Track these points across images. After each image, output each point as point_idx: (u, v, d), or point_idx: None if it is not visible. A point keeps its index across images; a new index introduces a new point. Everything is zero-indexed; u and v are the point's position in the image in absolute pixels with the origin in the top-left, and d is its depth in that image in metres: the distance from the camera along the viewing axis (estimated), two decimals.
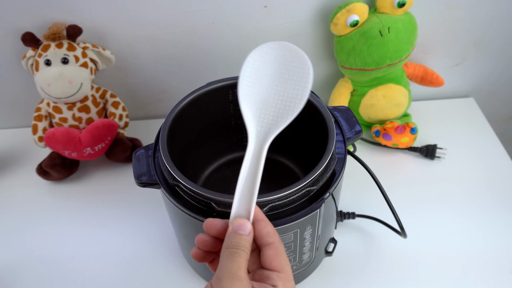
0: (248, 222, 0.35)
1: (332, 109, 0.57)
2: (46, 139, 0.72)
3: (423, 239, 0.64)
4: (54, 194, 0.76)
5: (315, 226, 0.50)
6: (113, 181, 0.77)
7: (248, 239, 0.34)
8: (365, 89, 0.76)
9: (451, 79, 0.85)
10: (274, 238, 0.35)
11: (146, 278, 0.63)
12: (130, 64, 0.80)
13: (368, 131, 0.82)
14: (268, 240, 0.35)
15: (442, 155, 0.76)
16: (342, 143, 0.53)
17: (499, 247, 0.63)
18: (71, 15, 0.71)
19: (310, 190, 0.47)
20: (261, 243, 0.35)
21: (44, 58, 0.70)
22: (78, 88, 0.72)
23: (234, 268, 0.32)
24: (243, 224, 0.35)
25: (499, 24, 0.78)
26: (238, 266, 0.32)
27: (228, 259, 0.33)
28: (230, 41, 0.77)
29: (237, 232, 0.35)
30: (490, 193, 0.70)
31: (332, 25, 0.70)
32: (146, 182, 0.52)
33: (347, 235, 0.66)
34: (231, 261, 0.33)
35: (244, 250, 0.34)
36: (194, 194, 0.47)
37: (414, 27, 0.71)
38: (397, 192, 0.65)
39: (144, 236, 0.68)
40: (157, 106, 0.87)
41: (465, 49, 0.82)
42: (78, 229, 0.70)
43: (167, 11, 0.72)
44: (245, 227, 0.35)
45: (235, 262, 0.33)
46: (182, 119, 0.56)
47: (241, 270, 0.32)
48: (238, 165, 0.38)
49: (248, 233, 0.35)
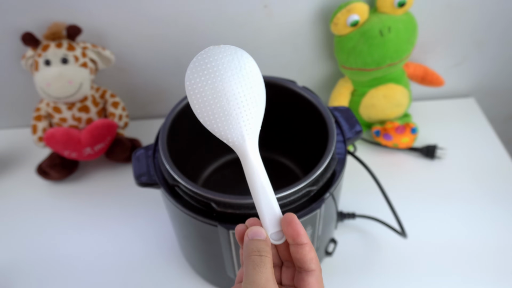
0: (261, 228, 0.35)
1: (332, 109, 0.57)
2: (46, 139, 0.72)
3: (423, 239, 0.64)
4: (54, 194, 0.76)
5: (315, 226, 0.50)
6: (113, 181, 0.77)
7: (267, 242, 0.34)
8: (365, 89, 0.76)
9: (451, 79, 0.85)
10: (317, 265, 0.34)
11: (146, 278, 0.63)
12: (130, 64, 0.79)
13: (368, 131, 0.82)
14: (311, 267, 0.34)
15: (442, 155, 0.76)
16: (342, 143, 0.53)
17: (499, 247, 0.63)
18: (71, 15, 0.71)
19: (310, 190, 0.47)
20: (303, 267, 0.34)
21: (44, 58, 0.70)
22: (78, 88, 0.71)
23: (262, 280, 0.32)
24: (258, 230, 0.34)
25: (499, 24, 0.78)
26: (267, 278, 0.32)
27: (254, 270, 0.32)
28: (230, 41, 0.76)
29: (254, 239, 0.34)
30: (490, 193, 0.70)
31: (332, 25, 0.70)
32: (146, 182, 0.52)
33: (347, 235, 0.66)
34: (258, 273, 0.32)
35: (267, 255, 0.33)
36: (194, 194, 0.47)
37: (414, 27, 0.71)
38: (397, 192, 0.65)
39: (144, 236, 0.68)
40: (157, 106, 0.87)
41: (465, 49, 0.81)
42: (78, 229, 0.70)
43: (167, 11, 0.72)
44: (260, 233, 0.34)
45: (262, 273, 0.32)
46: (182, 119, 0.56)
47: (269, 282, 0.32)
48: (238, 165, 0.37)
49: (264, 238, 0.34)
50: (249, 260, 0.33)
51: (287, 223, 0.34)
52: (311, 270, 0.34)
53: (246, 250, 0.34)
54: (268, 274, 0.32)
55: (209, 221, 0.47)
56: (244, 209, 0.45)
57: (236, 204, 0.45)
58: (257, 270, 0.32)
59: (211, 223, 0.46)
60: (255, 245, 0.34)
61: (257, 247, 0.33)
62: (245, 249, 0.34)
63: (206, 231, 0.49)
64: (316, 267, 0.34)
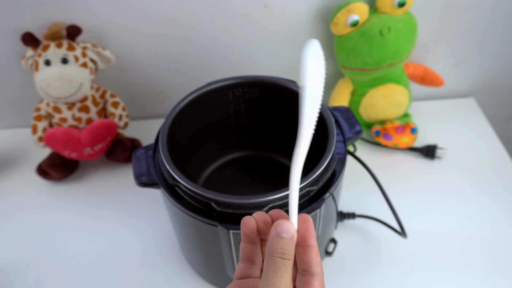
0: (291, 224, 0.34)
1: (332, 109, 0.57)
2: (46, 139, 0.72)
3: (423, 239, 0.64)
4: (54, 194, 0.76)
5: (315, 226, 0.50)
6: (113, 181, 0.77)
7: (292, 242, 0.33)
8: (365, 89, 0.76)
9: (451, 79, 0.85)
10: (321, 269, 0.34)
11: (146, 278, 0.63)
12: (130, 64, 0.79)
13: (368, 131, 0.82)
14: (316, 270, 0.34)
15: (442, 155, 0.76)
16: (342, 143, 0.53)
17: (499, 247, 0.63)
18: (71, 15, 0.71)
19: (310, 190, 0.47)
20: (308, 271, 0.34)
21: (44, 58, 0.70)
22: (78, 88, 0.71)
23: (282, 285, 0.31)
24: (287, 226, 0.33)
25: (499, 24, 0.78)
26: (286, 284, 0.32)
27: (276, 273, 0.32)
28: (230, 41, 0.77)
29: (281, 235, 0.33)
30: (490, 193, 0.70)
31: (332, 25, 0.70)
32: (146, 182, 0.52)
33: (347, 235, 0.66)
34: (278, 277, 0.32)
35: (290, 259, 0.33)
36: (194, 194, 0.47)
37: (414, 27, 0.71)
38: (397, 192, 0.65)
39: (144, 236, 0.68)
40: (157, 106, 0.87)
41: (465, 49, 0.81)
42: (78, 229, 0.70)
43: (167, 11, 0.72)
44: (288, 230, 0.33)
45: (282, 278, 0.32)
46: (182, 119, 0.56)
47: (288, 287, 0.32)
48: (238, 165, 0.38)
49: (291, 236, 0.33)
50: (271, 261, 0.32)
51: (303, 220, 0.33)
52: (317, 274, 0.33)
53: (270, 248, 0.33)
54: (288, 278, 0.32)
55: (209, 221, 0.47)
56: (244, 209, 0.45)
57: (236, 204, 0.45)
58: (278, 274, 0.32)
59: (211, 223, 0.46)
60: (281, 244, 0.33)
61: (282, 247, 0.33)
62: (269, 246, 0.33)
63: (206, 231, 0.49)
64: (321, 270, 0.34)
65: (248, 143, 0.69)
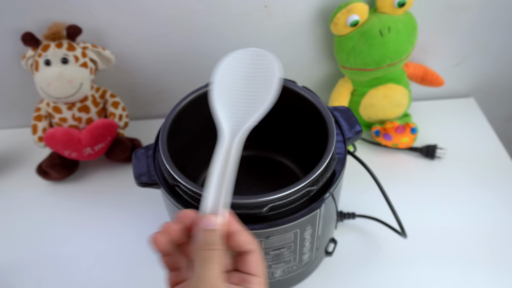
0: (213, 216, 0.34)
1: (332, 109, 0.57)
2: (46, 139, 0.72)
3: (423, 239, 0.64)
4: (54, 194, 0.76)
5: (315, 226, 0.50)
6: (113, 181, 0.77)
7: (218, 232, 0.34)
8: (365, 89, 0.76)
9: (451, 79, 0.85)
10: (254, 244, 0.35)
11: (145, 278, 0.63)
12: (130, 64, 0.79)
13: (368, 131, 0.82)
14: (249, 248, 0.34)
15: (442, 155, 0.76)
16: (342, 143, 0.53)
17: (499, 247, 0.63)
18: (71, 15, 0.71)
19: (310, 190, 0.47)
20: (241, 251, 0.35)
21: (44, 58, 0.70)
22: (78, 88, 0.71)
23: (212, 277, 0.31)
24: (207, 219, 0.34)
25: (499, 24, 0.78)
26: (216, 275, 0.32)
27: (204, 266, 0.32)
28: (230, 41, 0.77)
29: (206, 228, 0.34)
30: (490, 193, 0.70)
31: (332, 25, 0.70)
32: (146, 182, 0.52)
33: (347, 235, 0.66)
34: (207, 269, 0.32)
35: (217, 248, 0.33)
36: (194, 194, 0.47)
37: (414, 27, 0.71)
38: (397, 192, 0.65)
39: (144, 236, 0.68)
40: (157, 106, 0.87)
41: (465, 49, 0.81)
42: (78, 229, 0.70)
43: (167, 11, 0.72)
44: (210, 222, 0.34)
45: (212, 270, 0.32)
46: (182, 119, 0.56)
47: (219, 279, 0.32)
48: (238, 165, 0.38)
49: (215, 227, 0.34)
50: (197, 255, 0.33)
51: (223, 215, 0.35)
52: (251, 251, 0.35)
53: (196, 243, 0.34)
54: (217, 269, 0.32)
55: None
56: (244, 209, 0.45)
57: (236, 204, 0.45)
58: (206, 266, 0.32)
59: None
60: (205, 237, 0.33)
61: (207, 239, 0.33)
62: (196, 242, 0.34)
63: None
64: (255, 247, 0.35)
65: (248, 143, 0.68)
